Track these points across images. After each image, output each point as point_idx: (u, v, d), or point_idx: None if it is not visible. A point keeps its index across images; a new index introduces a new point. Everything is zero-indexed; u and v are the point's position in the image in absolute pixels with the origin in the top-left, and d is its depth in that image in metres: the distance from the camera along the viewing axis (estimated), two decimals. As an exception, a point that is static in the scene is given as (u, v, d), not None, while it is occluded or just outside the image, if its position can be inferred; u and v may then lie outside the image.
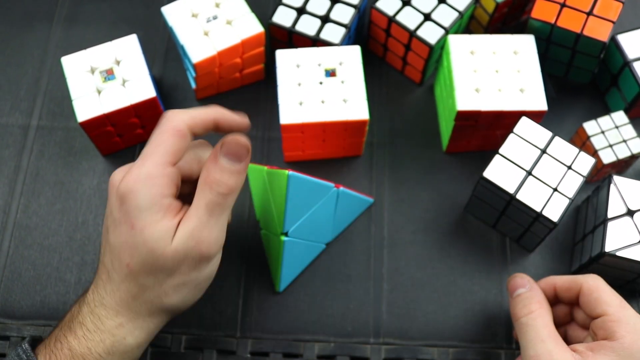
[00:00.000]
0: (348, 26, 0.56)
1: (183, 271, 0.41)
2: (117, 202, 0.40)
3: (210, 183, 0.40)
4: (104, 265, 0.42)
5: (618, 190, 0.50)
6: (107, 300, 0.41)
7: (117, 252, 0.41)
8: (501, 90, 0.53)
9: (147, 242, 0.40)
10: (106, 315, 0.41)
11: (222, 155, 0.41)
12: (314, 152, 0.57)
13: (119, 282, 0.41)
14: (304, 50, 0.55)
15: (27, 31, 0.65)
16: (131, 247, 0.40)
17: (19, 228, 0.56)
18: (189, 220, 0.40)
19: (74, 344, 0.41)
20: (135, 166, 0.41)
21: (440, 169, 0.58)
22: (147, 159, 0.41)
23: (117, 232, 0.41)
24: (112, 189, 0.42)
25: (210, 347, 0.51)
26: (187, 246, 0.40)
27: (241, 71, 0.59)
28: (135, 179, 0.40)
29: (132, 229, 0.40)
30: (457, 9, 0.57)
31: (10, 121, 0.60)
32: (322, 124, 0.52)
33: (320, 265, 0.54)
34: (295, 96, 0.53)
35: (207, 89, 0.60)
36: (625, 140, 0.54)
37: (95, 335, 0.41)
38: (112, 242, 0.41)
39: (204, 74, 0.57)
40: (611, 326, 0.42)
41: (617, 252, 0.48)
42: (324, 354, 0.51)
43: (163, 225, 0.40)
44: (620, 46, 0.56)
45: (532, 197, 0.49)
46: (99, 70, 0.54)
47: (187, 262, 0.41)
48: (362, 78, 0.53)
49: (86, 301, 0.42)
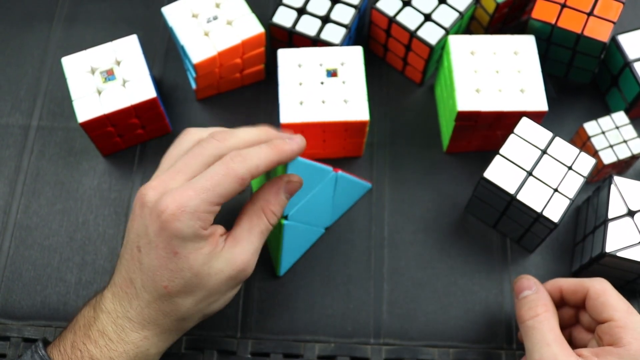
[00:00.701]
0: (348, 26, 0.56)
1: (222, 290, 0.43)
2: (156, 226, 0.39)
3: (268, 213, 0.43)
4: (130, 282, 0.41)
5: (619, 190, 0.50)
6: (133, 315, 0.41)
7: (152, 273, 0.40)
8: (501, 90, 0.53)
9: (192, 268, 0.40)
10: (131, 327, 0.41)
11: (285, 192, 0.44)
12: (314, 151, 0.57)
13: (149, 300, 0.41)
14: (305, 49, 0.55)
15: (27, 31, 0.65)
16: (172, 271, 0.40)
17: (19, 228, 0.56)
18: (239, 244, 0.42)
19: (95, 353, 0.41)
20: (183, 195, 0.39)
21: (441, 169, 0.58)
22: (200, 193, 0.39)
23: (153, 255, 0.40)
24: (145, 207, 0.40)
25: (210, 348, 0.51)
26: (234, 268, 0.42)
27: (241, 71, 0.59)
28: (182, 210, 0.39)
29: (175, 255, 0.40)
30: (458, 10, 0.57)
31: (11, 121, 0.60)
32: (322, 124, 0.52)
33: (320, 265, 0.54)
34: (296, 95, 0.53)
35: (207, 89, 0.60)
36: (626, 141, 0.54)
37: (118, 346, 0.41)
38: (146, 263, 0.40)
39: (204, 74, 0.57)
40: (617, 332, 0.42)
41: (618, 252, 0.48)
42: (325, 355, 0.51)
43: (207, 251, 0.41)
44: (621, 46, 0.56)
45: (533, 197, 0.48)
46: (100, 70, 0.54)
47: (230, 282, 0.43)
48: (363, 79, 0.53)
49: (104, 309, 0.42)
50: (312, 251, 0.55)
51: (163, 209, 0.39)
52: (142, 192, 0.41)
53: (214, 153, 0.41)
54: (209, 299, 0.42)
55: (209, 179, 0.40)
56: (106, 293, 0.43)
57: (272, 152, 0.42)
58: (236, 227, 0.43)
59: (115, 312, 0.41)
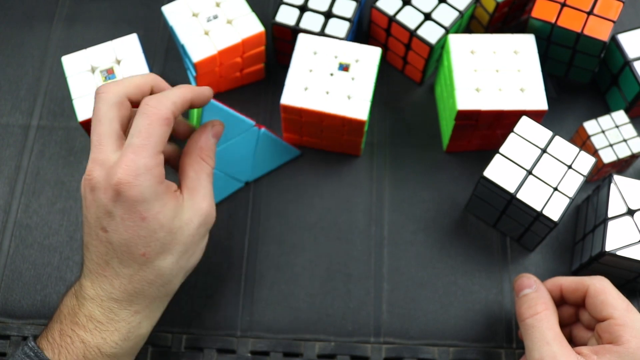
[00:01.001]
0: (352, 20, 0.57)
1: (196, 240, 0.44)
2: (115, 200, 0.40)
3: (205, 157, 0.45)
4: (105, 264, 0.42)
5: (618, 189, 0.50)
6: (118, 294, 0.42)
7: (126, 247, 0.41)
8: (501, 89, 0.53)
9: (164, 226, 0.41)
10: (119, 307, 0.42)
11: (212, 136, 0.46)
12: (313, 140, 0.57)
13: (131, 274, 0.41)
14: (326, 39, 0.55)
15: (28, 31, 0.65)
16: (146, 236, 0.41)
17: (19, 227, 0.56)
18: (196, 191, 0.44)
19: (86, 336, 0.41)
20: (127, 161, 0.40)
21: (441, 169, 0.58)
22: (140, 152, 0.40)
23: (121, 229, 0.40)
24: (96, 189, 0.40)
25: (210, 347, 0.51)
26: (201, 215, 0.43)
27: (241, 70, 0.59)
28: (134, 175, 0.39)
29: (144, 220, 0.40)
30: (458, 9, 0.57)
31: (11, 121, 0.60)
32: (320, 114, 0.52)
33: (321, 264, 0.54)
34: (303, 81, 0.53)
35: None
36: (626, 140, 0.54)
37: (109, 326, 0.41)
38: (116, 240, 0.41)
39: (205, 73, 0.57)
40: (617, 330, 0.42)
41: (618, 251, 0.48)
42: (325, 354, 0.51)
43: (172, 205, 0.42)
44: (621, 46, 0.56)
45: (533, 196, 0.48)
46: (100, 69, 0.54)
47: (201, 230, 0.44)
48: (373, 80, 0.53)
49: (87, 296, 0.42)
50: (313, 250, 0.55)
51: (116, 181, 0.39)
52: (87, 178, 0.41)
53: (117, 109, 0.42)
54: (186, 254, 0.43)
55: (140, 135, 0.40)
56: (84, 282, 0.43)
57: (183, 89, 0.43)
58: (184, 178, 0.45)
59: (99, 297, 0.42)
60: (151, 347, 0.51)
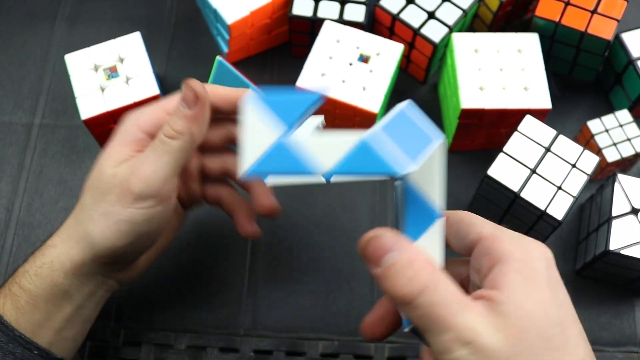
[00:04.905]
0: (366, 2, 0.57)
1: (112, 200, 0.40)
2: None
3: (165, 127, 0.41)
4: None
5: (622, 188, 0.50)
6: (48, 244, 0.43)
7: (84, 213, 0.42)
8: (505, 88, 0.53)
9: (99, 162, 0.42)
10: (44, 248, 0.43)
11: (180, 101, 0.40)
12: (326, 126, 0.57)
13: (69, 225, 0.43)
14: (351, 30, 0.55)
15: (30, 29, 0.65)
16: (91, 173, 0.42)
17: (22, 226, 0.56)
18: (146, 155, 0.41)
19: (23, 281, 0.41)
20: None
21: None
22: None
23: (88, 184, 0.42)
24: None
25: (213, 345, 0.51)
26: (122, 172, 0.40)
27: (270, 32, 0.61)
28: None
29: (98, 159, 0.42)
30: (461, 7, 0.57)
31: (14, 119, 0.60)
32: (333, 102, 0.53)
33: (324, 262, 0.54)
34: (321, 67, 0.54)
35: (238, 51, 0.62)
36: (630, 139, 0.54)
37: (41, 264, 0.42)
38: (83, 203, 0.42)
39: (237, 36, 0.58)
40: (495, 246, 0.32)
41: (622, 250, 0.47)
42: (328, 352, 0.51)
43: (117, 150, 0.42)
44: (625, 45, 0.56)
45: (536, 195, 0.48)
46: (103, 67, 0.54)
47: (117, 190, 0.40)
48: (391, 75, 0.53)
49: (26, 268, 0.42)
50: (316, 249, 0.55)
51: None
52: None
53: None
54: (101, 206, 0.41)
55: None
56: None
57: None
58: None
59: (34, 261, 0.43)
60: (154, 346, 0.51)
